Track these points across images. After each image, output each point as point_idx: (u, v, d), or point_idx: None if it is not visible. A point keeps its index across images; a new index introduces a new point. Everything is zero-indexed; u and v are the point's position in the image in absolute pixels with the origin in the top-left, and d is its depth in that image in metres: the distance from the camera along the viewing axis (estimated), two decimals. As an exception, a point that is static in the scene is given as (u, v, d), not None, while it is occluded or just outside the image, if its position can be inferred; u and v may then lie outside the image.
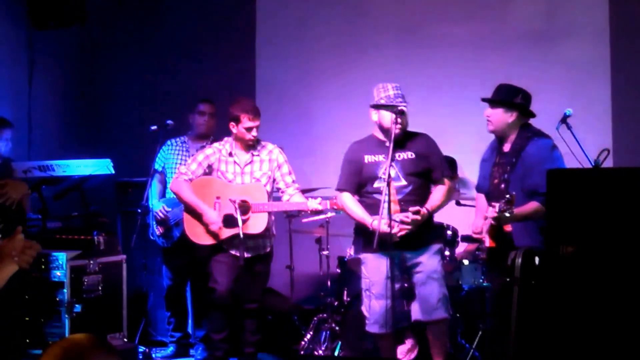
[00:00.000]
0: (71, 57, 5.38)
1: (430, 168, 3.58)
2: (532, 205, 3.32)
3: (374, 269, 3.51)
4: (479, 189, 3.68)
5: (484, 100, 3.53)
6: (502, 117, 3.48)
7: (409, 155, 3.55)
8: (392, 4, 5.02)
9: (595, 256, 2.84)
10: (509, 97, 3.52)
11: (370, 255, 3.53)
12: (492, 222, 3.33)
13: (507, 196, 3.20)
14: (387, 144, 3.48)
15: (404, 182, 3.51)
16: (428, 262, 3.52)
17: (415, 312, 3.53)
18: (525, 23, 4.76)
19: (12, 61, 5.00)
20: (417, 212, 3.43)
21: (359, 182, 3.55)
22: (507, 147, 3.51)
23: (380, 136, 3.55)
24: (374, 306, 3.48)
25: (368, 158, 3.52)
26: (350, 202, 3.54)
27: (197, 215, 3.89)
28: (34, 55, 5.09)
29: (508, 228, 3.41)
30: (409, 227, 3.44)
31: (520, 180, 3.38)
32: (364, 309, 3.58)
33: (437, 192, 3.61)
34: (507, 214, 3.20)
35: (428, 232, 3.58)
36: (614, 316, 2.79)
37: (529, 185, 3.33)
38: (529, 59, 4.69)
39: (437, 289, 3.50)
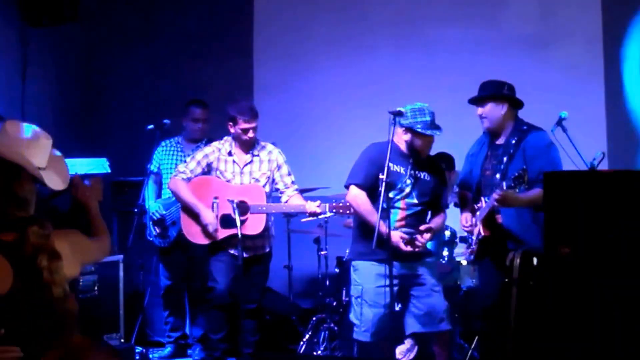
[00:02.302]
0: (65, 54, 5.32)
1: (438, 194, 3.61)
2: (536, 191, 3.32)
3: (367, 276, 3.50)
4: (464, 184, 3.69)
5: (472, 100, 3.55)
6: (495, 110, 3.51)
7: (425, 176, 3.58)
8: (389, 6, 5.04)
9: (592, 258, 2.88)
10: (496, 90, 3.57)
11: (362, 262, 3.53)
12: (495, 202, 3.31)
13: (517, 173, 3.19)
14: (410, 159, 3.53)
15: (415, 201, 3.54)
16: (429, 276, 3.55)
17: (418, 324, 3.52)
18: (520, 27, 4.81)
19: (5, 59, 4.94)
20: (428, 230, 3.47)
21: (376, 186, 3.49)
22: (501, 140, 3.54)
23: (403, 147, 3.55)
24: (366, 314, 3.45)
25: (391, 166, 3.48)
26: (366, 203, 3.49)
27: (194, 215, 3.88)
28: (28, 53, 5.03)
29: (499, 220, 3.44)
30: (420, 244, 3.48)
31: (522, 171, 3.37)
32: (353, 316, 3.54)
33: (440, 217, 3.64)
34: (517, 190, 3.19)
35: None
36: (613, 317, 2.83)
37: (533, 172, 3.32)
38: (524, 62, 4.74)
39: (441, 301, 3.54)
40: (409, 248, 3.44)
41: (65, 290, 2.00)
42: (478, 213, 3.52)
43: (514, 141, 3.48)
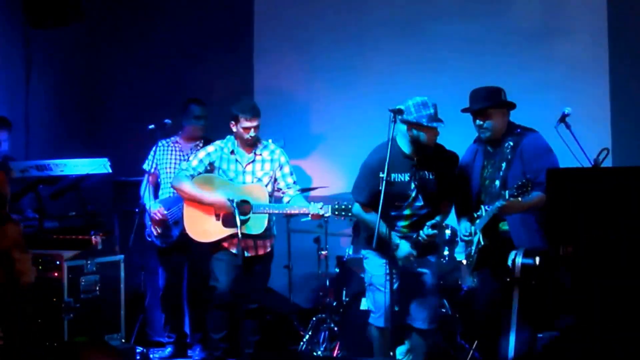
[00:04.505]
0: (68, 55, 5.35)
1: (444, 188, 3.57)
2: (537, 195, 3.27)
3: (376, 264, 3.52)
4: (461, 193, 3.64)
5: (475, 111, 3.47)
6: (498, 120, 3.44)
7: (430, 175, 3.53)
8: (389, 3, 5.01)
9: (595, 256, 2.84)
10: (499, 98, 3.48)
11: (372, 251, 3.52)
12: (497, 212, 3.28)
13: (521, 182, 3.16)
14: (414, 160, 3.47)
15: (422, 204, 3.52)
16: (430, 275, 3.57)
17: (414, 318, 3.55)
18: (524, 22, 4.75)
19: (9, 60, 4.98)
20: (434, 226, 3.45)
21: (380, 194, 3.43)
22: (495, 146, 3.49)
23: (405, 149, 3.49)
24: (379, 300, 3.48)
25: (394, 176, 3.45)
26: (373, 216, 3.46)
27: (199, 209, 3.85)
28: (31, 54, 5.07)
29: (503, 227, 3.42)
30: (424, 241, 3.48)
31: (521, 174, 3.35)
32: (367, 303, 3.59)
33: (447, 209, 3.63)
34: (520, 199, 3.16)
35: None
36: (614, 316, 2.79)
37: (533, 173, 3.28)
38: (527, 57, 4.69)
39: (437, 302, 3.60)
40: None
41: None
42: (478, 222, 3.47)
43: (509, 146, 3.42)
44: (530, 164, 3.35)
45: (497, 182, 3.42)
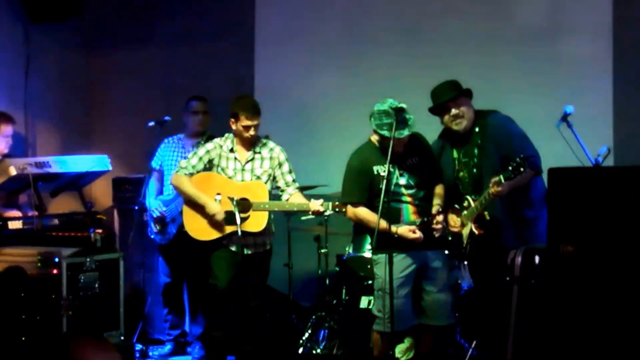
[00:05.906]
0: (68, 51, 5.35)
1: (431, 169, 3.63)
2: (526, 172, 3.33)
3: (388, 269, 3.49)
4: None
5: (445, 101, 3.55)
6: (468, 107, 3.55)
7: (414, 160, 3.59)
8: (392, 2, 4.98)
9: (596, 256, 2.83)
10: (461, 88, 3.58)
11: (382, 255, 3.52)
12: (493, 193, 3.32)
13: (515, 163, 3.20)
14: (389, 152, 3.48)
15: (416, 189, 3.56)
16: (443, 271, 3.58)
17: (426, 317, 3.56)
18: (527, 20, 4.72)
19: (8, 55, 4.97)
20: (439, 212, 3.49)
21: (372, 193, 3.52)
22: (463, 136, 3.56)
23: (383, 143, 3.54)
24: (388, 305, 3.46)
25: (378, 169, 3.50)
26: (368, 215, 3.52)
27: (198, 208, 3.85)
28: (30, 50, 5.06)
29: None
30: (439, 227, 3.50)
31: (498, 156, 3.43)
32: (375, 309, 3.58)
33: (440, 189, 3.65)
34: (521, 176, 3.22)
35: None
36: (614, 316, 2.78)
37: (515, 152, 3.33)
38: (530, 56, 4.66)
39: (450, 297, 3.61)
40: (418, 235, 3.43)
41: None
42: (466, 212, 3.53)
43: (476, 131, 3.52)
44: (507, 141, 3.45)
45: (475, 170, 3.50)
